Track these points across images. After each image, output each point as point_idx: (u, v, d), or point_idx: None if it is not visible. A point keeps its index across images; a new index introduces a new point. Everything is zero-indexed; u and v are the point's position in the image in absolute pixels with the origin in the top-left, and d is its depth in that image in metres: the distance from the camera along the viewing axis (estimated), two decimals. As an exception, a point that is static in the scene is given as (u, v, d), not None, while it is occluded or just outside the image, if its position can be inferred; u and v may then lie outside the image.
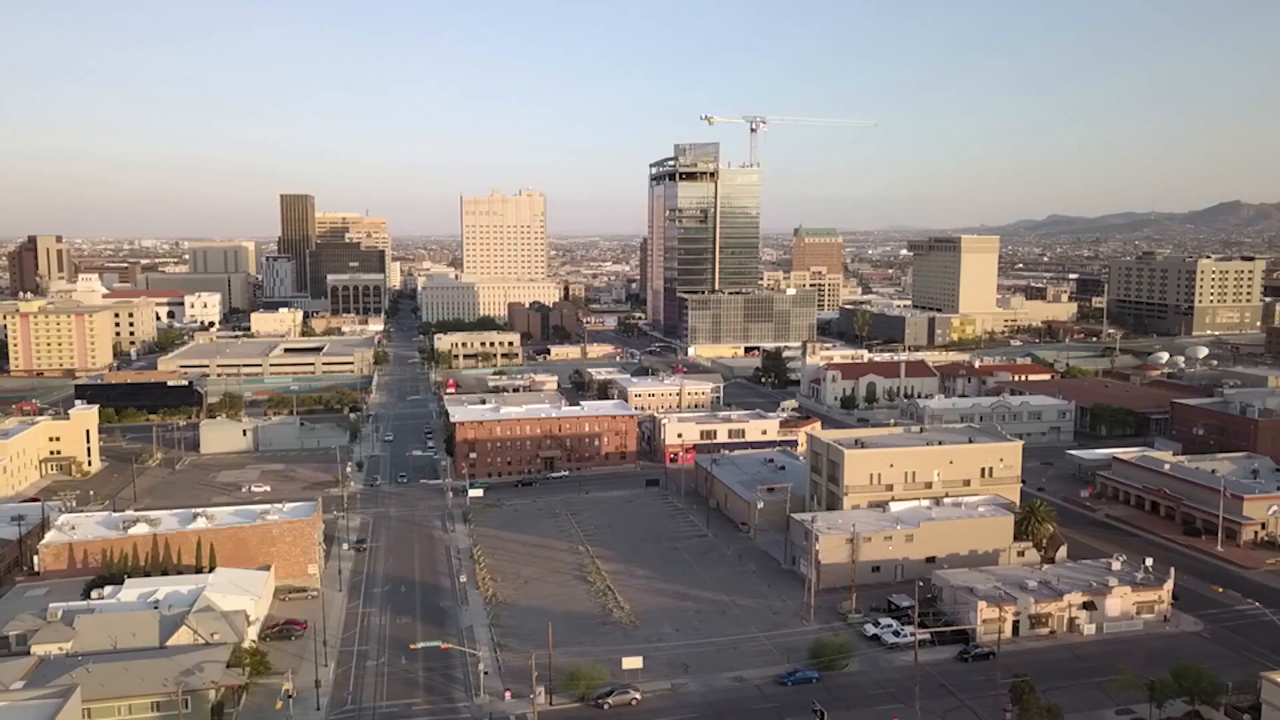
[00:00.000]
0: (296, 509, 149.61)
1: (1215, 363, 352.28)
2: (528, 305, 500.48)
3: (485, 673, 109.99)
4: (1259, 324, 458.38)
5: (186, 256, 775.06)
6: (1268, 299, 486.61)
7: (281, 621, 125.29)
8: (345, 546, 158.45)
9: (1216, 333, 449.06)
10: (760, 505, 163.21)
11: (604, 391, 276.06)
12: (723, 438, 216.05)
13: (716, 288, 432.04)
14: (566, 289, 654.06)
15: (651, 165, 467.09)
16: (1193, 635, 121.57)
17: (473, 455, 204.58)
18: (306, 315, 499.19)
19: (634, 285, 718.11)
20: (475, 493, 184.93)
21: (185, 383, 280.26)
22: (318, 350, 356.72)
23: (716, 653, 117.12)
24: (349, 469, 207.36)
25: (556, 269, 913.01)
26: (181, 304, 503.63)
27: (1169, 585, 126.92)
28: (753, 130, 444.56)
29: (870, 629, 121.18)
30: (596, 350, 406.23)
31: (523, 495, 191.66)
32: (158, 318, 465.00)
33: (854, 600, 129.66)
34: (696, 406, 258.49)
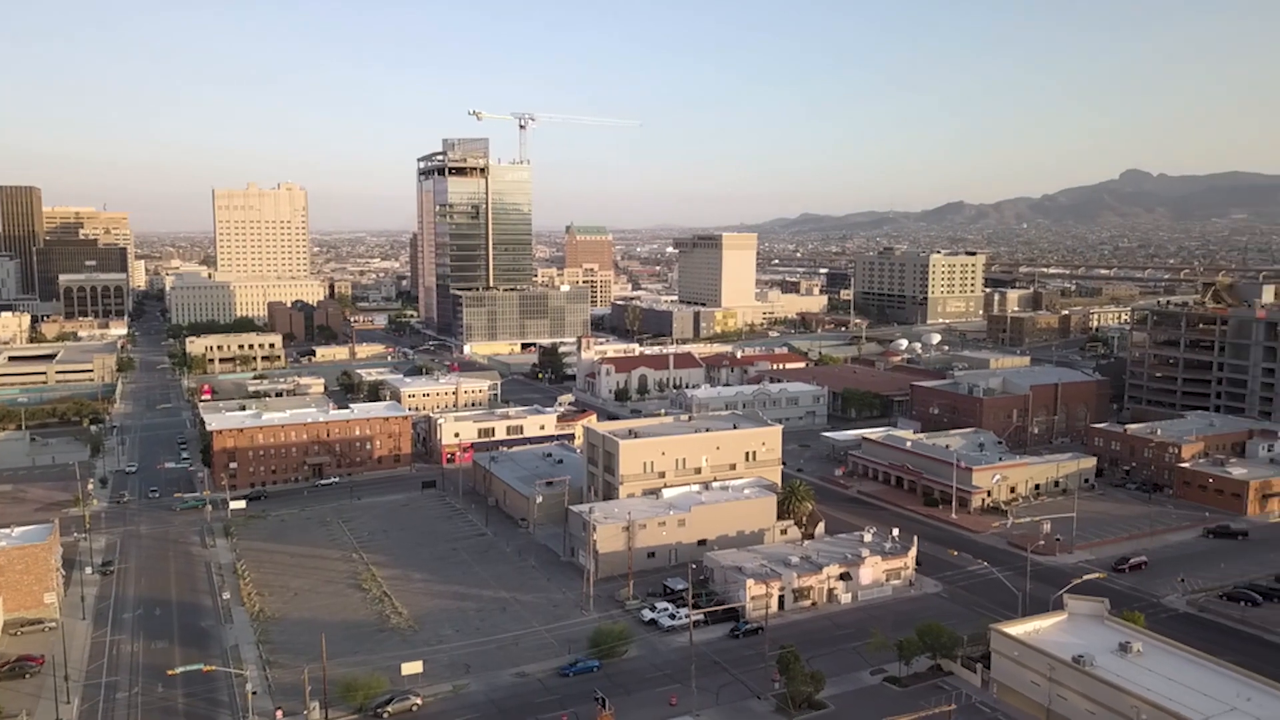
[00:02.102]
0: (28, 533, 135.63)
1: (946, 348, 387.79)
2: (290, 305, 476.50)
3: (254, 693, 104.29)
4: (981, 312, 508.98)
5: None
6: (988, 290, 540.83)
7: (13, 658, 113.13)
8: (89, 570, 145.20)
9: (947, 320, 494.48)
10: (539, 500, 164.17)
11: (375, 393, 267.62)
12: (501, 435, 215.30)
13: (491, 284, 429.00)
14: (332, 287, 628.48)
15: (420, 160, 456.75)
16: (934, 596, 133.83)
17: (233, 465, 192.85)
18: (35, 319, 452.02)
19: (405, 282, 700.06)
20: (237, 504, 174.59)
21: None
22: (50, 358, 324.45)
23: (498, 650, 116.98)
24: (90, 486, 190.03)
25: (320, 266, 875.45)
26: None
27: (913, 552, 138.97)
28: (521, 127, 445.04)
29: (647, 614, 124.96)
30: (366, 350, 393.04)
31: (290, 504, 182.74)
32: None
33: (631, 587, 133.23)
34: (473, 405, 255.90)
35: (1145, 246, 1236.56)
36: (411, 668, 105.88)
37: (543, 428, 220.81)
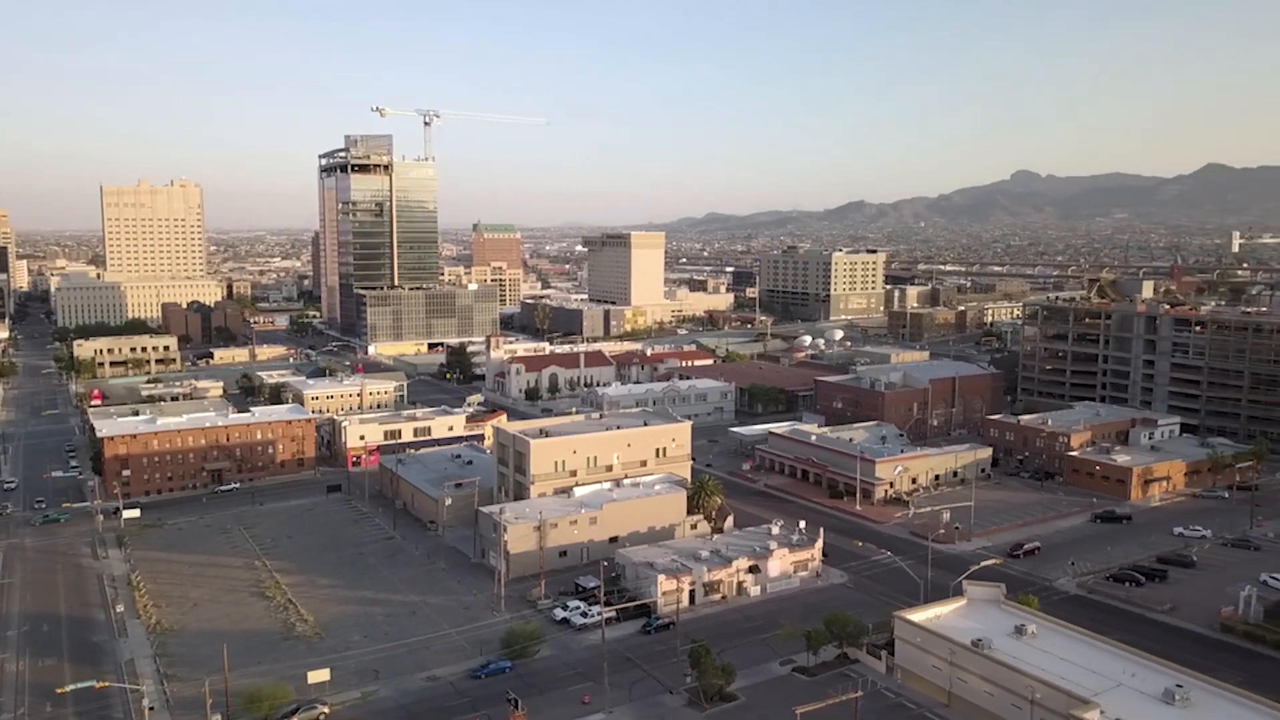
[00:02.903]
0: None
1: (849, 344, 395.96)
2: (185, 305, 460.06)
3: (151, 708, 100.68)
4: (882, 309, 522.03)
5: None
6: (888, 287, 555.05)
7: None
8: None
9: (849, 317, 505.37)
10: (448, 501, 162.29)
11: (277, 395, 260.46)
12: (408, 437, 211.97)
13: (396, 283, 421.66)
14: (230, 287, 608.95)
15: (321, 156, 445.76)
16: (840, 586, 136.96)
17: (125, 473, 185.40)
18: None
19: (307, 282, 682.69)
20: (131, 513, 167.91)
21: None
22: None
23: (408, 654, 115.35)
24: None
25: (218, 266, 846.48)
26: None
27: (819, 544, 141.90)
28: (426, 124, 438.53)
29: (559, 613, 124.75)
30: (267, 352, 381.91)
31: (188, 512, 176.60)
32: None
33: (542, 586, 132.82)
34: (379, 406, 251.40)
35: (1035, 244, 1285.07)
36: (318, 676, 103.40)
37: (451, 429, 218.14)
